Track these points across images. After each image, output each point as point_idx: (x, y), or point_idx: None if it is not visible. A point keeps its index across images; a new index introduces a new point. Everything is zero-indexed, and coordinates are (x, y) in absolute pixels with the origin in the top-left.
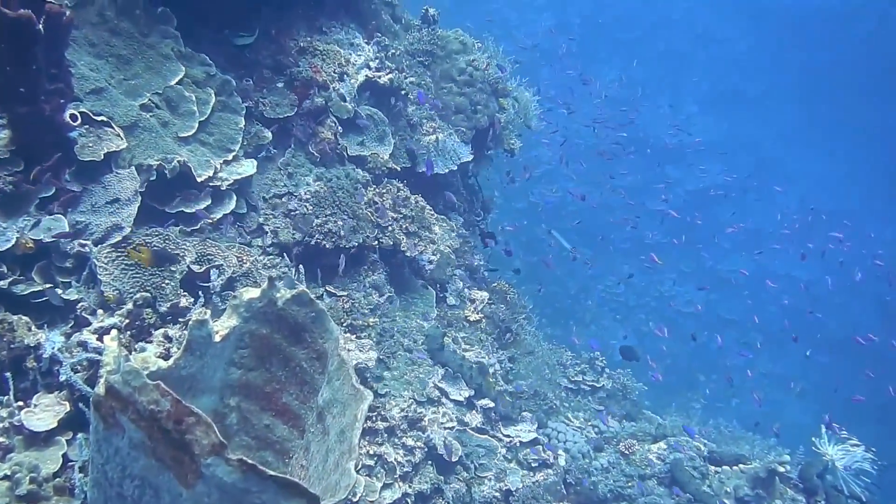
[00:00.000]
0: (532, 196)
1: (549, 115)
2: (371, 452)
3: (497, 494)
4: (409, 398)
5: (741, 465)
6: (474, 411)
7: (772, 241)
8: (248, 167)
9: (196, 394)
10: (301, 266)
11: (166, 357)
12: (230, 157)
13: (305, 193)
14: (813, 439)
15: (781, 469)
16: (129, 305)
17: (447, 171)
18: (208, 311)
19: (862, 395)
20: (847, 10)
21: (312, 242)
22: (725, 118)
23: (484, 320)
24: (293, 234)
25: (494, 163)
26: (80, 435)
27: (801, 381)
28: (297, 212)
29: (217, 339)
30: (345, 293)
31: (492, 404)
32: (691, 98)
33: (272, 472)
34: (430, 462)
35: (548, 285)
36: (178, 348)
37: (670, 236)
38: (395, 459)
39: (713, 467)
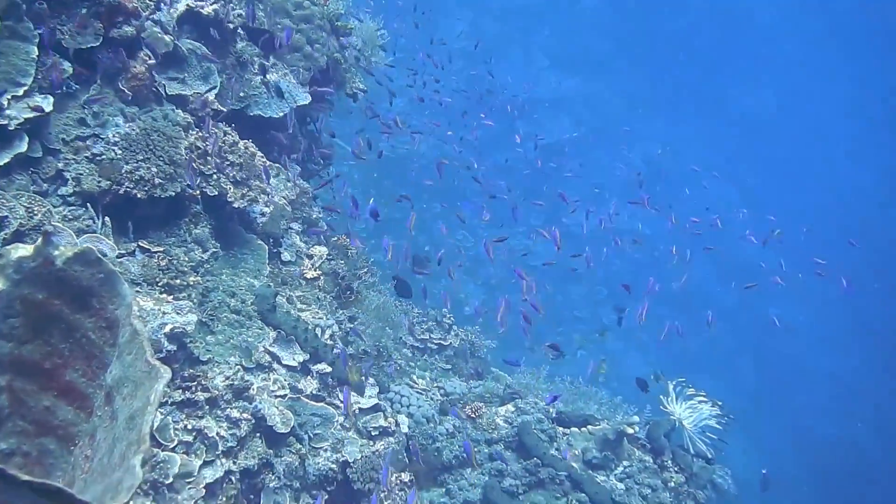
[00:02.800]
0: (382, 147)
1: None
2: (189, 427)
3: (333, 466)
4: (236, 365)
5: (590, 427)
6: (309, 377)
7: (616, 197)
8: (44, 104)
9: None
10: (108, 218)
11: None
12: (20, 92)
13: (114, 136)
14: (661, 397)
15: (630, 430)
16: None
17: (282, 114)
18: None
19: (696, 347)
20: None
21: (122, 191)
22: (574, 75)
23: (322, 278)
24: (99, 182)
25: (336, 107)
26: None
27: (641, 334)
28: (104, 157)
29: None
30: (161, 249)
31: (328, 369)
32: (541, 53)
33: (26, 477)
34: (258, 435)
35: (399, 240)
36: None
37: (520, 190)
38: (217, 434)
39: (562, 429)
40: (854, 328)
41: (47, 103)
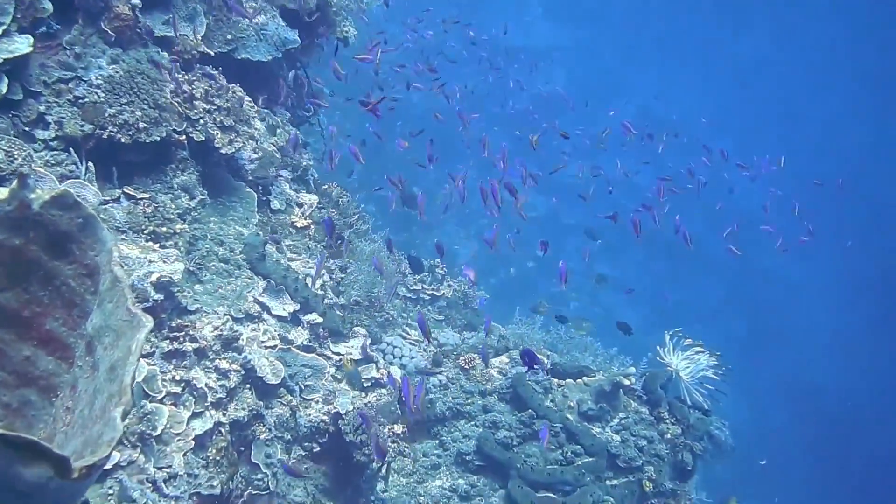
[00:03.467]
0: (374, 97)
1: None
2: (177, 378)
3: (325, 418)
4: (224, 315)
5: (585, 379)
6: (300, 327)
7: (613, 148)
8: (23, 45)
9: None
10: (91, 164)
11: None
12: None
13: (97, 78)
14: (658, 348)
15: (627, 382)
16: None
17: (270, 58)
18: None
19: (691, 299)
20: None
21: (105, 135)
22: (568, 25)
23: (313, 226)
24: (81, 126)
25: (326, 52)
26: None
27: (635, 285)
28: (87, 99)
29: None
30: (147, 195)
31: (319, 319)
32: (534, 1)
33: None
34: (248, 386)
35: (390, 190)
36: None
37: (513, 141)
38: (205, 385)
39: (556, 381)
40: (849, 280)
41: (26, 43)
